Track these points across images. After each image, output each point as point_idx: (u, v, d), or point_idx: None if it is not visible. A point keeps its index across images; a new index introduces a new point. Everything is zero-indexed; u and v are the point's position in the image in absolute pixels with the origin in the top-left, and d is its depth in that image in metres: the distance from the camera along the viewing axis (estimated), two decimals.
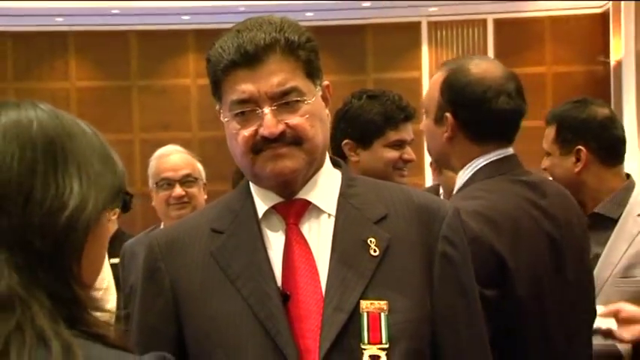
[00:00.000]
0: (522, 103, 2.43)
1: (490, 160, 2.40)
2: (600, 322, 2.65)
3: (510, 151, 2.44)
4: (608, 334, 2.68)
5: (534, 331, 2.31)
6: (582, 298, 2.45)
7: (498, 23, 12.14)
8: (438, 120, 2.43)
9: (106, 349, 1.13)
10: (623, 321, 2.68)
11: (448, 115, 2.39)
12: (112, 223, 4.72)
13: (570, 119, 3.07)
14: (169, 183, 3.64)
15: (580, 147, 3.03)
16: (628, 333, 2.67)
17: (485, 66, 2.44)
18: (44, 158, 1.17)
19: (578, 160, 3.05)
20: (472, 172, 2.41)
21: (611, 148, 3.12)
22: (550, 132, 3.11)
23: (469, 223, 2.18)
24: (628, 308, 2.71)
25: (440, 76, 2.45)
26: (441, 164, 2.57)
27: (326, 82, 1.82)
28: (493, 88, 2.37)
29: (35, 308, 1.10)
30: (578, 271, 2.42)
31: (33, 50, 11.94)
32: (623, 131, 3.20)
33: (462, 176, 2.43)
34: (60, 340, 1.08)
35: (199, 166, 3.75)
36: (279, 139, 1.72)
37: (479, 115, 2.37)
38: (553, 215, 2.40)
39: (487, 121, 2.38)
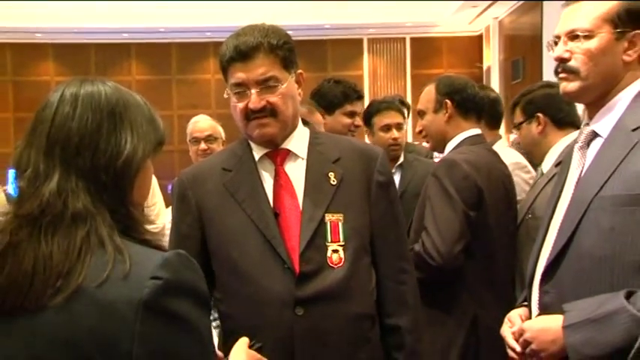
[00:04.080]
0: (485, 96, 2.64)
1: (470, 135, 2.47)
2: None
3: (479, 131, 2.52)
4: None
5: (497, 244, 2.38)
6: (515, 229, 2.49)
7: (413, 40, 11.98)
8: (437, 109, 2.48)
9: (145, 248, 1.09)
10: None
11: (447, 101, 2.46)
12: None
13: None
14: (197, 140, 3.55)
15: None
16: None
17: (456, 74, 2.73)
18: (108, 121, 1.12)
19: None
20: (460, 139, 2.46)
21: (496, 119, 3.24)
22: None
23: (463, 166, 2.33)
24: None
25: (431, 85, 2.53)
26: (438, 145, 2.55)
27: (300, 71, 1.78)
28: (468, 82, 2.54)
29: (99, 221, 1.07)
30: (514, 215, 2.49)
31: (108, 56, 11.65)
32: (502, 108, 3.33)
33: (453, 142, 2.48)
34: (113, 244, 1.06)
35: (220, 129, 3.64)
36: (261, 111, 1.70)
37: (466, 95, 2.47)
38: (507, 175, 2.49)
39: (470, 101, 2.48)
